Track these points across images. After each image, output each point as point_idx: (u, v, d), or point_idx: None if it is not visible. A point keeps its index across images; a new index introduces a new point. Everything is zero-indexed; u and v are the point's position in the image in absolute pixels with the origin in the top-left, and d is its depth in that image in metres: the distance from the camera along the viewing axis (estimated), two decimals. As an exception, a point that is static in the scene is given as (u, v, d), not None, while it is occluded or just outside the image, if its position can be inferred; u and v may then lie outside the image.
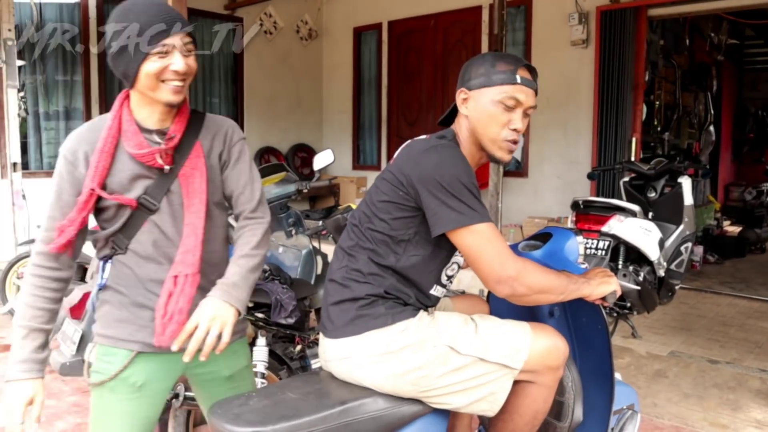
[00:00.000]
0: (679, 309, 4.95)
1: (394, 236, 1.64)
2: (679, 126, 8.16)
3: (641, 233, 3.76)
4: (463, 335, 1.65)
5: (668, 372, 3.63)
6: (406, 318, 1.63)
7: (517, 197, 6.94)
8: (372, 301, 1.64)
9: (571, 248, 1.96)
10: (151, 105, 1.54)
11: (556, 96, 6.58)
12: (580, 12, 6.17)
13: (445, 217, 1.54)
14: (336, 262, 1.75)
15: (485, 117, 1.69)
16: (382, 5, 8.05)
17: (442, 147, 1.61)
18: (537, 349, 1.67)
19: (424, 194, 1.56)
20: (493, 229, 1.55)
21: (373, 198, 1.69)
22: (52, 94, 6.41)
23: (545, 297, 1.61)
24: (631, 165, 4.53)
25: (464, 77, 1.73)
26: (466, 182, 1.55)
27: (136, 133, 1.53)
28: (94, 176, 1.49)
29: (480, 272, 1.56)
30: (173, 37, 1.48)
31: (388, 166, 1.72)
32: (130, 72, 1.48)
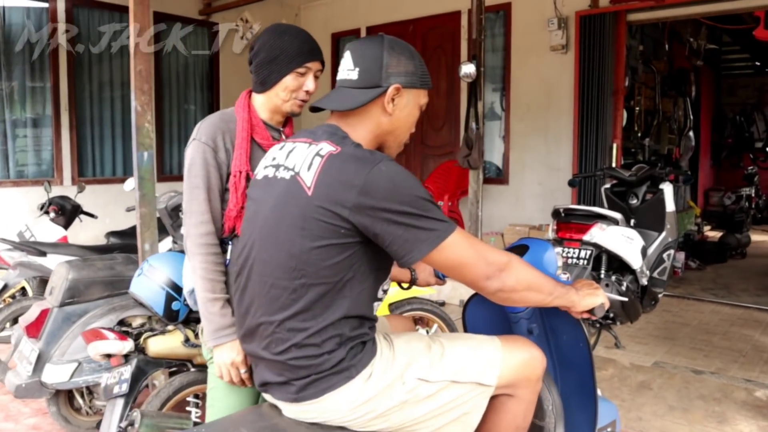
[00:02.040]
0: (662, 317, 4.88)
1: (339, 281, 1.40)
2: (659, 132, 8.15)
3: (623, 241, 3.67)
4: (430, 362, 1.53)
5: (652, 384, 3.53)
6: (368, 361, 1.47)
7: (498, 205, 6.85)
8: (329, 358, 1.42)
9: (550, 260, 1.86)
10: (274, 113, 1.82)
11: (537, 102, 6.52)
12: (560, 17, 6.11)
13: (418, 241, 1.35)
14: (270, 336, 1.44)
15: (411, 120, 1.58)
16: (360, 11, 7.95)
17: (377, 160, 1.36)
18: (511, 362, 1.57)
19: (380, 224, 1.34)
20: (463, 232, 1.42)
21: (298, 245, 1.37)
22: (20, 101, 6.21)
23: (534, 295, 1.49)
24: (613, 171, 4.44)
25: (389, 68, 1.48)
26: (423, 193, 1.37)
27: (263, 128, 1.80)
28: (245, 160, 1.72)
29: (466, 279, 1.43)
30: (313, 63, 1.77)
31: (299, 195, 1.38)
32: (270, 80, 1.76)
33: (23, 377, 2.85)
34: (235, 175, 1.72)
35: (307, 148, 1.45)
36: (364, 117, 1.52)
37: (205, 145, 1.73)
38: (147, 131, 2.80)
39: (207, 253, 1.72)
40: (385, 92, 1.49)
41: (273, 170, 1.50)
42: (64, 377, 2.77)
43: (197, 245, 1.72)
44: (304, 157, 1.44)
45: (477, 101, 5.16)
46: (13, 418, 3.27)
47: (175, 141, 7.50)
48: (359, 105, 1.49)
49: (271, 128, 1.84)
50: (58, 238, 4.54)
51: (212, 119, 1.79)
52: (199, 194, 1.72)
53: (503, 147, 6.93)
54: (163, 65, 7.27)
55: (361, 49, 1.52)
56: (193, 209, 1.73)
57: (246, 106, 1.81)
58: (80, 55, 6.50)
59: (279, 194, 1.45)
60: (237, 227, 1.72)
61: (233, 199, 1.72)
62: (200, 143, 1.74)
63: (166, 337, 2.45)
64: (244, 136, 1.75)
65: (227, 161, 1.75)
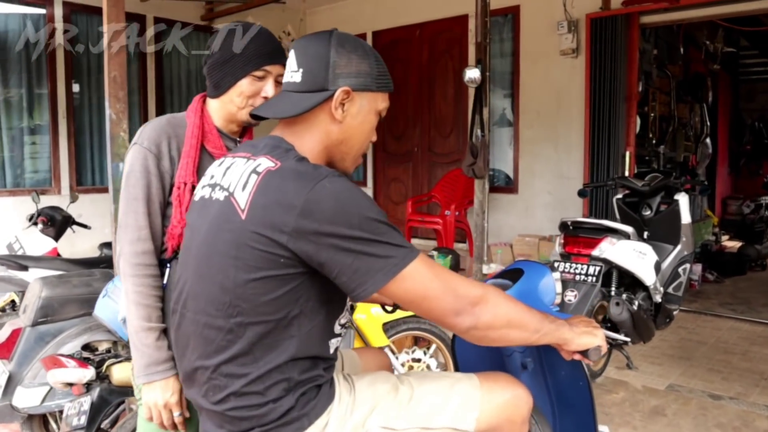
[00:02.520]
0: (677, 334, 4.62)
1: (282, 318, 1.19)
2: (674, 139, 7.88)
3: (635, 257, 3.45)
4: (396, 407, 1.33)
5: (666, 409, 3.29)
6: (323, 408, 1.26)
7: (507, 214, 6.63)
8: (275, 407, 1.21)
9: (547, 287, 1.65)
10: (229, 122, 1.63)
11: (546, 108, 6.31)
12: (569, 20, 5.89)
13: (371, 271, 1.13)
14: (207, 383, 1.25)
15: (367, 128, 1.35)
16: (366, 15, 7.79)
17: (320, 176, 1.15)
18: (492, 403, 1.38)
19: (325, 252, 1.12)
20: (427, 259, 1.19)
21: (232, 277, 1.17)
22: (16, 108, 6.11)
23: (516, 333, 1.24)
24: (625, 181, 4.22)
25: (337, 68, 1.26)
26: (376, 214, 1.15)
27: (217, 135, 1.61)
28: (192, 170, 1.53)
29: (432, 314, 1.19)
30: (272, 66, 1.56)
31: (232, 219, 1.18)
32: (224, 83, 1.56)
33: (-8, 401, 2.70)
34: (179, 186, 1.53)
35: (245, 163, 1.24)
36: (311, 125, 1.30)
37: (146, 151, 1.53)
38: (123, 140, 2.63)
39: (142, 275, 1.51)
40: (332, 96, 1.27)
41: (209, 190, 1.29)
42: (35, 401, 2.61)
43: (131, 265, 1.51)
44: (240, 174, 1.23)
45: (482, 107, 4.96)
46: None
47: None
48: (301, 111, 1.27)
49: (226, 137, 1.65)
50: (47, 251, 4.39)
51: (158, 122, 1.60)
52: (138, 206, 1.52)
53: (512, 155, 6.71)
54: (164, 69, 7.15)
55: (305, 47, 1.30)
56: (129, 223, 1.52)
57: (198, 111, 1.61)
58: (79, 61, 6.40)
59: (212, 218, 1.24)
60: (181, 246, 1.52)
61: (176, 214, 1.53)
62: (141, 148, 1.54)
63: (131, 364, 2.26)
64: (193, 143, 1.56)
65: (171, 171, 1.55)
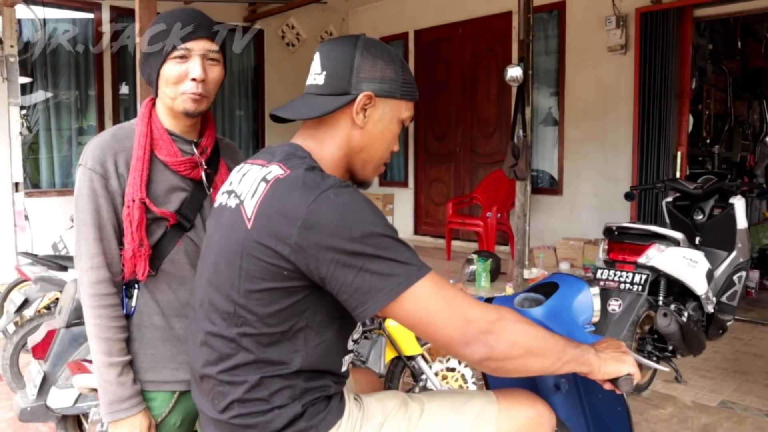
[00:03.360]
0: (732, 345, 4.37)
1: (287, 330, 1.14)
2: (730, 138, 7.53)
3: (685, 264, 3.26)
4: (405, 423, 1.25)
5: (718, 427, 3.10)
6: (334, 421, 1.20)
7: (551, 217, 6.44)
8: (281, 414, 1.16)
9: (584, 304, 1.53)
10: (175, 117, 1.48)
11: (593, 107, 6.09)
12: (618, 15, 5.67)
13: (373, 290, 1.05)
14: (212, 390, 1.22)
15: (389, 136, 1.27)
16: (408, 14, 7.71)
17: (325, 186, 1.10)
18: (511, 420, 1.29)
19: (326, 267, 1.06)
20: (436, 277, 1.09)
21: (236, 287, 1.14)
22: (65, 110, 6.27)
23: (536, 363, 1.13)
24: (675, 183, 4.01)
25: (360, 72, 1.22)
26: (383, 228, 1.08)
27: (168, 141, 1.46)
28: (140, 186, 1.40)
29: (438, 341, 1.09)
30: (194, 42, 1.41)
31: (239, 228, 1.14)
32: (152, 78, 1.44)
33: (29, 400, 2.75)
34: (128, 205, 1.39)
35: (258, 170, 1.20)
36: (332, 130, 1.24)
37: (91, 172, 1.40)
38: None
39: (99, 306, 1.39)
40: (354, 100, 1.21)
41: (226, 197, 1.25)
42: (68, 402, 2.63)
43: (88, 296, 1.40)
44: (252, 182, 1.18)
45: (524, 107, 4.81)
46: (28, 439, 3.17)
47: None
48: (322, 114, 1.22)
49: (181, 140, 1.49)
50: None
51: (102, 138, 1.45)
52: (88, 233, 1.40)
53: (557, 155, 6.52)
54: (206, 72, 7.22)
55: (330, 49, 1.25)
56: (82, 252, 1.40)
57: (146, 117, 1.47)
58: (125, 63, 6.52)
59: (223, 226, 1.20)
60: (139, 269, 1.42)
61: (128, 235, 1.40)
62: (86, 169, 1.41)
63: None
64: (139, 155, 1.42)
65: (122, 189, 1.42)
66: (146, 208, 1.41)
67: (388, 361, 2.85)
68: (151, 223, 1.43)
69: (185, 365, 1.42)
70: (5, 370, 3.56)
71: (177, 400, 1.46)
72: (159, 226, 1.44)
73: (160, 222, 1.44)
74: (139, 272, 1.42)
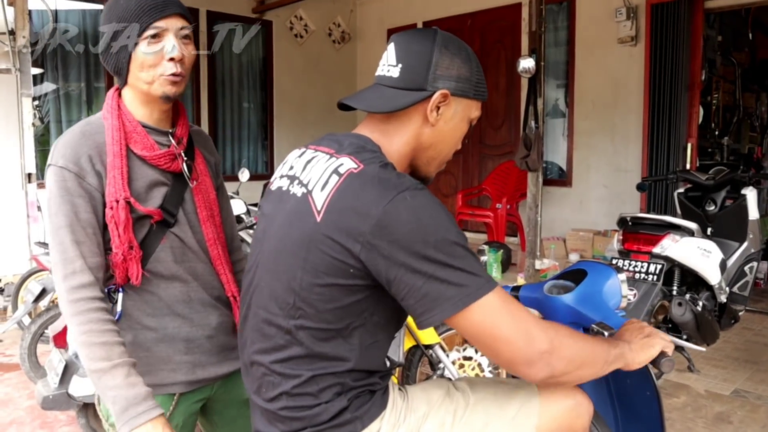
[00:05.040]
0: (743, 336, 4.40)
1: (344, 328, 1.13)
2: (739, 129, 7.53)
3: (699, 255, 3.28)
4: (451, 414, 1.27)
5: (732, 416, 3.13)
6: (377, 413, 1.20)
7: (561, 208, 6.45)
8: (327, 408, 1.16)
9: (612, 290, 1.55)
10: (149, 103, 1.37)
11: (603, 98, 6.09)
12: (629, 6, 5.66)
13: (441, 298, 1.04)
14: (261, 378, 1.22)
15: (457, 135, 1.27)
16: (416, 5, 7.69)
17: (402, 187, 1.07)
18: (551, 411, 1.30)
19: (395, 270, 1.04)
20: (503, 292, 1.09)
21: (299, 279, 1.12)
22: (75, 102, 6.29)
23: (589, 372, 1.15)
24: (687, 175, 4.02)
25: (438, 69, 1.19)
26: (456, 237, 1.06)
27: (143, 134, 1.36)
28: (122, 185, 1.30)
29: (500, 357, 1.09)
30: (166, 20, 1.31)
31: (306, 219, 1.12)
32: (121, 64, 1.33)
33: (51, 388, 2.78)
34: (112, 206, 1.29)
35: (327, 160, 1.17)
36: (402, 125, 1.22)
37: (63, 171, 1.28)
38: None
39: (86, 311, 1.25)
40: (429, 97, 1.19)
41: (288, 182, 1.23)
42: (89, 390, 2.67)
43: (70, 303, 1.25)
44: (321, 172, 1.16)
45: (536, 98, 4.82)
46: (49, 426, 3.22)
47: (228, 140, 7.46)
48: (396, 109, 1.20)
49: (154, 131, 1.39)
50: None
51: (69, 138, 1.33)
52: (65, 236, 1.26)
53: (566, 147, 6.52)
54: (216, 64, 7.23)
55: (407, 42, 1.23)
56: (58, 259, 1.27)
57: (115, 109, 1.35)
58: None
59: (287, 214, 1.18)
60: (132, 273, 1.33)
61: (115, 238, 1.30)
62: (57, 169, 1.29)
63: None
64: (116, 150, 1.31)
65: (101, 187, 1.31)
66: (131, 208, 1.32)
67: (407, 350, 2.88)
68: (135, 222, 1.34)
69: (182, 365, 1.41)
70: (23, 359, 3.60)
71: (177, 401, 1.42)
72: (143, 225, 1.36)
73: (144, 220, 1.36)
74: (133, 276, 1.34)
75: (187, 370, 1.42)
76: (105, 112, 1.36)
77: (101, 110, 1.40)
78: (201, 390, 1.46)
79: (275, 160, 7.81)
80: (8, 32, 4.78)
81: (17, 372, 3.89)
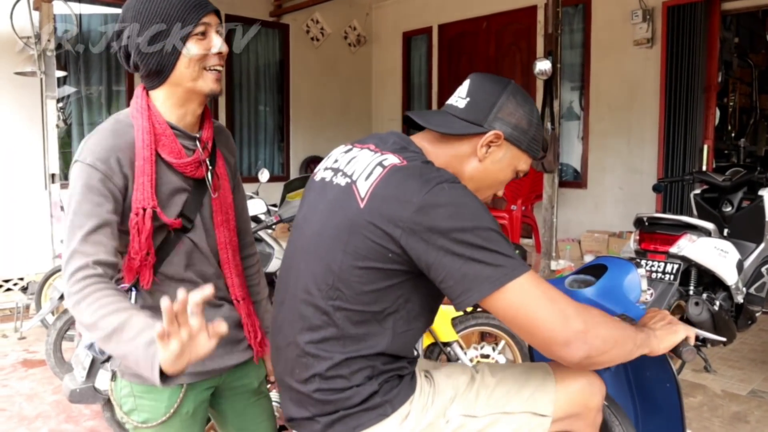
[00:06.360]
0: (759, 338, 4.40)
1: (379, 311, 1.20)
2: (755, 131, 7.50)
3: (716, 255, 3.29)
4: (475, 395, 1.33)
5: (749, 416, 3.14)
6: (406, 397, 1.27)
7: (576, 210, 6.47)
8: (358, 391, 1.23)
9: (632, 284, 1.59)
10: (186, 104, 1.36)
11: (618, 101, 6.11)
12: (644, 8, 5.68)
13: (479, 278, 1.09)
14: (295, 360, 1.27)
15: (500, 178, 1.35)
16: (432, 8, 7.74)
17: (442, 179, 1.16)
18: (567, 390, 1.36)
19: (435, 253, 1.11)
20: (537, 276, 1.14)
21: (339, 261, 1.18)
22: (96, 104, 6.39)
23: (621, 352, 1.20)
24: (704, 176, 4.03)
25: (500, 112, 1.29)
26: (492, 224, 1.13)
27: (172, 138, 1.35)
28: (150, 193, 1.29)
29: (537, 338, 1.13)
30: (209, 17, 1.33)
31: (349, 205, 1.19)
32: (168, 62, 1.31)
33: (78, 382, 2.82)
34: (137, 213, 1.29)
35: (372, 155, 1.26)
36: (453, 148, 1.31)
37: (91, 169, 1.26)
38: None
39: (95, 283, 1.20)
40: (483, 134, 1.29)
41: (331, 174, 1.32)
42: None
43: (76, 281, 1.20)
44: (365, 165, 1.24)
45: (552, 100, 4.84)
46: (74, 420, 3.28)
47: (245, 142, 7.54)
48: (453, 132, 1.30)
49: (183, 135, 1.39)
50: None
51: (101, 137, 1.31)
52: (82, 234, 1.25)
53: (581, 149, 6.54)
54: (234, 67, 7.32)
55: (481, 81, 1.34)
56: (71, 253, 1.24)
57: (145, 109, 1.34)
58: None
59: (330, 201, 1.26)
60: (144, 278, 1.33)
61: (134, 244, 1.30)
62: (85, 166, 1.27)
63: None
64: (146, 155, 1.30)
65: (124, 190, 1.30)
66: (155, 217, 1.31)
67: (425, 347, 2.92)
68: (155, 229, 1.34)
69: None
70: (49, 355, 3.67)
71: (185, 391, 1.45)
72: (161, 232, 1.37)
73: (163, 227, 1.36)
74: (144, 281, 1.34)
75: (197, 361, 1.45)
76: (134, 111, 1.35)
77: (128, 108, 1.40)
78: (209, 380, 1.51)
79: (291, 162, 7.89)
80: (34, 36, 4.88)
81: (42, 368, 3.98)
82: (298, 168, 7.93)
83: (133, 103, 1.37)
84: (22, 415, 3.34)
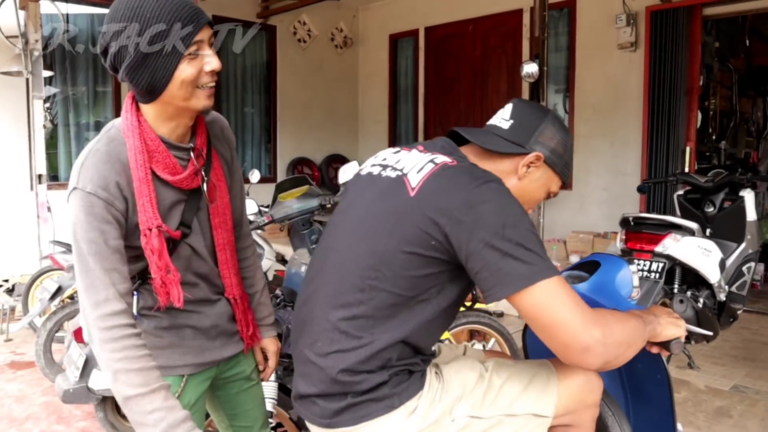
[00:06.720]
0: (740, 335, 4.50)
1: (413, 297, 1.26)
2: (735, 134, 7.64)
3: (700, 254, 3.38)
4: (482, 396, 1.37)
5: (732, 410, 3.22)
6: (414, 393, 1.31)
7: (561, 211, 6.56)
8: (368, 378, 1.27)
9: (624, 280, 1.65)
10: (177, 118, 1.33)
11: (602, 103, 6.21)
12: (628, 13, 5.78)
13: (513, 273, 1.15)
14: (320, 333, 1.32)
15: (534, 197, 1.44)
16: (418, 11, 7.80)
17: (490, 178, 1.25)
18: (568, 388, 1.41)
19: (475, 244, 1.17)
20: (565, 282, 1.20)
21: (384, 243, 1.25)
22: (83, 105, 6.36)
23: (632, 351, 1.25)
24: (687, 177, 4.13)
25: (541, 136, 1.39)
26: (530, 226, 1.21)
27: (165, 153, 1.32)
28: (153, 213, 1.29)
29: (556, 340, 1.17)
30: (201, 33, 1.26)
31: (399, 193, 1.27)
32: (159, 82, 1.25)
33: (71, 382, 2.83)
34: (146, 234, 1.29)
35: (422, 154, 1.36)
36: (495, 164, 1.39)
37: (92, 197, 1.25)
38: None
39: (120, 338, 1.23)
40: (525, 155, 1.39)
41: (379, 169, 1.40)
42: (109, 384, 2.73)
43: (102, 330, 1.23)
44: (416, 161, 1.33)
45: (539, 102, 4.91)
46: (65, 421, 3.27)
47: (232, 144, 7.53)
48: (497, 150, 1.39)
49: (176, 148, 1.36)
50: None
51: (97, 156, 1.28)
52: (95, 264, 1.25)
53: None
54: (221, 69, 7.31)
55: (523, 107, 1.45)
56: (88, 284, 1.24)
57: (135, 127, 1.30)
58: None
59: (379, 190, 1.34)
60: (174, 296, 1.35)
61: (153, 265, 1.31)
62: (84, 194, 1.25)
63: None
64: (142, 176, 1.28)
65: (126, 212, 1.30)
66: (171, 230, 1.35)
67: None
68: None
69: (191, 349, 1.48)
70: (39, 357, 3.66)
71: (186, 382, 1.48)
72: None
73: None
74: (174, 299, 1.35)
75: (196, 353, 1.49)
76: (125, 128, 1.31)
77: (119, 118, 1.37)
78: (207, 371, 1.54)
79: (278, 163, 7.90)
80: (20, 35, 4.86)
81: (30, 369, 3.96)
82: (285, 169, 7.94)
83: (123, 118, 1.33)
84: (12, 416, 3.33)
